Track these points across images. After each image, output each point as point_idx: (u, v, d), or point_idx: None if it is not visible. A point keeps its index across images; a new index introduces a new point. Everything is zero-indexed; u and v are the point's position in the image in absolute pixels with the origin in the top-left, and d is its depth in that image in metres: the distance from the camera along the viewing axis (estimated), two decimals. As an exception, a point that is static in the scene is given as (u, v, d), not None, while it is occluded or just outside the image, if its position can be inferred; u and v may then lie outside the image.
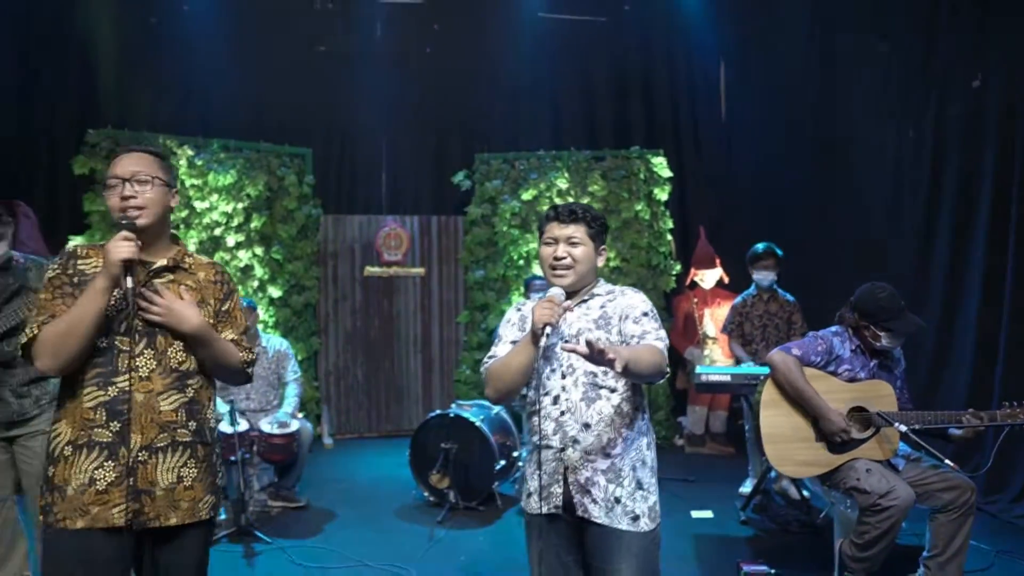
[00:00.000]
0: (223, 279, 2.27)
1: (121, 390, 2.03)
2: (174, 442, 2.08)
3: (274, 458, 4.70)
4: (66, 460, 2.02)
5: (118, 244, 1.97)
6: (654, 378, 2.21)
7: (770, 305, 5.10)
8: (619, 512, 2.22)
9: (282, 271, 6.53)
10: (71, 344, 1.98)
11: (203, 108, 6.84)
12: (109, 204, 2.13)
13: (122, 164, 2.14)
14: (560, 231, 2.30)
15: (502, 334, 2.40)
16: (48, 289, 2.08)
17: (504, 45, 7.27)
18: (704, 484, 5.36)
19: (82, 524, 1.99)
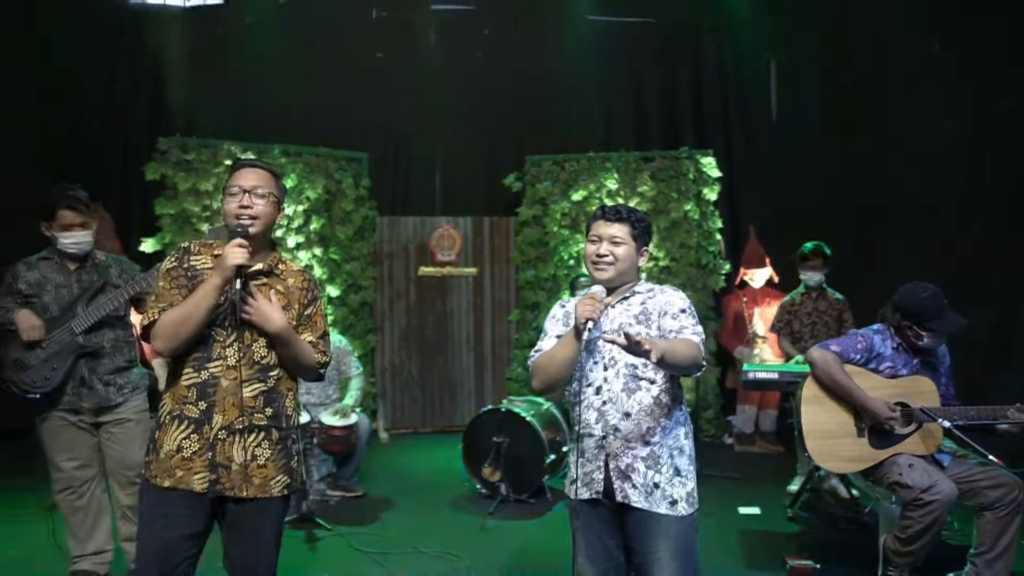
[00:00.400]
0: (310, 286, 2.47)
1: (211, 375, 2.29)
2: (251, 425, 2.31)
3: (334, 449, 4.91)
4: (164, 427, 2.31)
5: (234, 250, 2.24)
6: (690, 370, 2.34)
7: (819, 303, 5.11)
8: (658, 496, 2.34)
9: (340, 271, 6.77)
10: (184, 331, 2.26)
11: (264, 115, 7.14)
12: (226, 208, 2.35)
13: (245, 176, 2.37)
14: (605, 230, 2.44)
15: (547, 329, 2.55)
16: (166, 279, 2.35)
17: (554, 48, 7.40)
18: (752, 482, 5.40)
19: (168, 484, 2.27)
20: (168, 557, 2.27)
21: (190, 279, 2.34)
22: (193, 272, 2.35)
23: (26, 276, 3.44)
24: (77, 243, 3.42)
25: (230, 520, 2.33)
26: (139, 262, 3.91)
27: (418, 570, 3.85)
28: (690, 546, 2.40)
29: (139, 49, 7.00)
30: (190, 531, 2.29)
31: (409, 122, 7.46)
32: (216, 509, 2.33)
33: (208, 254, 2.38)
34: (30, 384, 3.36)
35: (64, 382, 3.38)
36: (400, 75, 7.33)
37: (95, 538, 3.61)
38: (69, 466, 3.50)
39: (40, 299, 3.41)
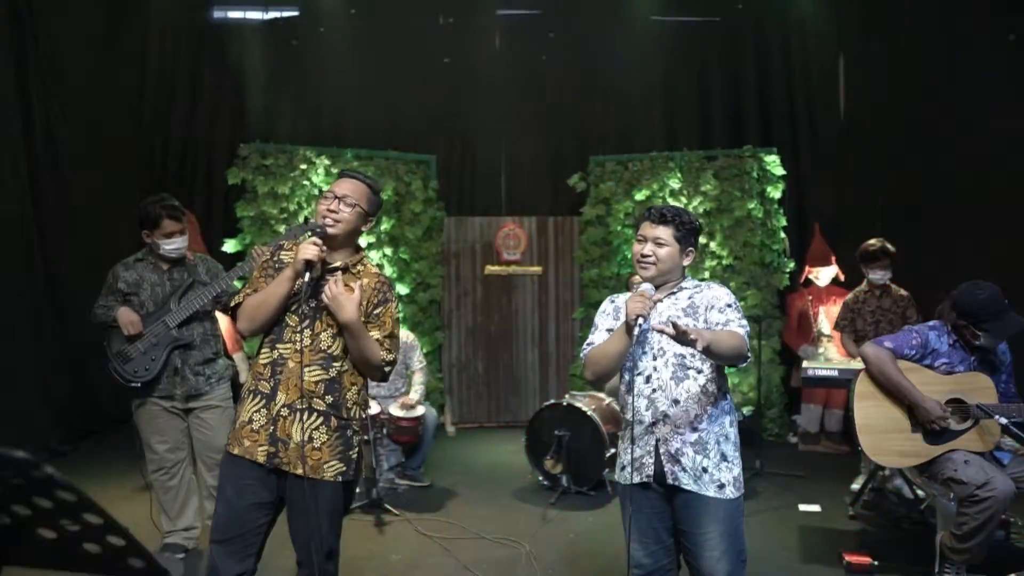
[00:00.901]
0: (382, 288, 2.62)
1: (280, 355, 2.50)
2: (310, 407, 2.48)
3: (401, 439, 5.15)
4: (243, 400, 2.56)
5: (307, 247, 2.44)
6: (735, 360, 2.45)
7: (883, 300, 5.06)
8: (706, 480, 2.45)
9: (409, 270, 7.02)
10: (260, 315, 2.50)
11: (338, 121, 7.50)
12: (318, 209, 2.58)
13: (341, 185, 2.59)
14: (650, 231, 2.56)
15: (597, 323, 2.68)
16: (259, 269, 2.63)
17: (618, 49, 7.48)
18: (815, 480, 5.39)
19: (237, 451, 2.50)
20: (238, 523, 2.46)
21: (276, 269, 2.57)
22: (280, 264, 2.59)
23: (124, 276, 3.77)
24: (177, 248, 3.75)
25: (288, 495, 2.51)
26: (222, 262, 4.22)
27: (480, 555, 4.03)
28: (738, 528, 2.50)
29: (222, 61, 7.43)
30: (257, 500, 2.47)
31: (476, 125, 7.67)
32: (281, 484, 2.50)
33: (297, 249, 2.57)
34: (132, 374, 3.69)
35: (161, 371, 3.70)
36: (466, 79, 7.55)
37: (184, 515, 3.93)
38: (162, 448, 3.83)
39: (138, 297, 3.74)
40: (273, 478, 2.49)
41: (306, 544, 2.52)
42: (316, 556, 2.52)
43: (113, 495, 4.85)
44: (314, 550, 2.51)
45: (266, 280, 2.56)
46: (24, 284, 5.89)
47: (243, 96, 7.44)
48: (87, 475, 5.39)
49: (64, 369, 6.18)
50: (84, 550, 1.21)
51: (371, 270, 2.65)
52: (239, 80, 7.42)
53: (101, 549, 1.21)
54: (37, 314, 5.98)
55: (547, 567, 3.90)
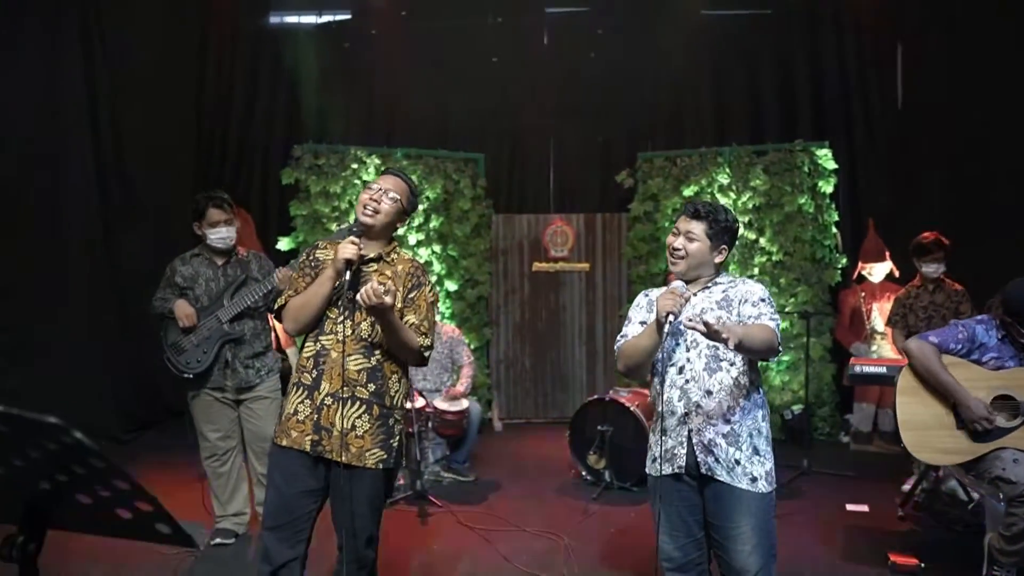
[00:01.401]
0: (416, 272, 2.70)
1: (323, 346, 2.58)
2: (353, 396, 2.56)
3: (446, 432, 5.23)
4: (288, 394, 2.64)
5: (346, 247, 2.51)
6: (767, 355, 2.46)
7: (936, 296, 4.93)
8: (739, 472, 2.45)
9: (457, 267, 7.12)
10: (304, 315, 2.58)
11: (388, 121, 7.65)
12: (360, 198, 2.68)
13: (384, 179, 2.70)
14: (683, 225, 2.59)
15: (631, 316, 2.70)
16: (298, 270, 2.73)
17: (667, 45, 7.42)
18: (865, 480, 5.28)
19: (285, 443, 2.58)
20: (288, 510, 2.55)
21: (314, 268, 2.66)
22: (317, 263, 2.68)
23: (181, 271, 3.95)
24: (223, 238, 3.90)
25: (332, 482, 2.58)
26: (276, 260, 4.37)
27: (519, 546, 4.08)
28: (769, 523, 2.48)
29: (277, 64, 7.66)
30: (306, 488, 2.56)
31: (523, 122, 7.72)
32: (327, 472, 2.58)
33: (330, 249, 2.69)
34: (185, 365, 3.86)
35: (212, 364, 3.86)
36: (515, 77, 7.60)
37: (235, 501, 4.09)
38: (214, 436, 3.99)
39: (193, 291, 3.91)
40: (320, 466, 2.57)
41: (349, 530, 2.58)
42: (356, 541, 2.59)
43: (170, 481, 5.05)
44: (354, 535, 2.58)
45: (306, 280, 2.65)
46: (90, 279, 6.19)
47: (297, 98, 7.65)
48: (147, 462, 5.65)
49: (128, 362, 6.45)
50: (117, 515, 1.30)
51: (404, 256, 2.73)
52: (294, 82, 7.63)
53: (132, 514, 1.30)
54: (102, 308, 6.27)
55: (585, 560, 3.92)
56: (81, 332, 6.03)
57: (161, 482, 5.15)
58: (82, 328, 6.04)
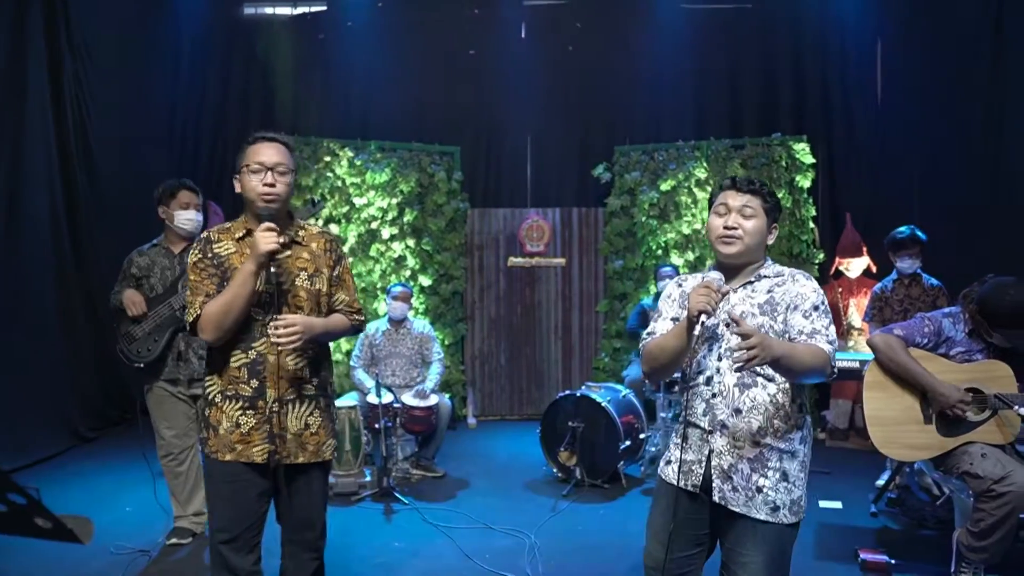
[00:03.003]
0: (333, 247, 2.54)
1: (258, 353, 2.39)
2: (301, 395, 2.45)
3: (415, 429, 5.12)
4: (217, 406, 2.42)
5: (266, 237, 2.27)
6: (809, 380, 2.11)
7: (912, 290, 4.87)
8: (759, 501, 2.13)
9: (432, 261, 7.01)
10: (230, 319, 2.31)
11: (363, 113, 7.51)
12: (249, 186, 2.37)
13: (267, 153, 2.38)
14: (735, 200, 2.20)
15: (662, 310, 2.34)
16: (195, 272, 2.40)
17: (646, 38, 7.37)
18: (840, 477, 5.21)
19: (230, 457, 2.40)
20: (242, 519, 2.42)
21: (217, 267, 2.39)
22: (218, 259, 2.39)
23: (138, 262, 3.84)
24: (191, 220, 3.82)
25: (285, 482, 2.45)
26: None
27: (484, 545, 3.98)
28: (785, 557, 2.19)
29: (251, 55, 7.52)
30: (257, 492, 2.43)
31: (500, 116, 7.61)
32: (274, 471, 2.45)
33: (229, 239, 2.43)
34: (136, 354, 3.74)
35: (164, 354, 3.75)
36: (492, 70, 7.50)
37: (194, 501, 3.97)
38: (169, 434, 3.88)
39: (148, 280, 3.80)
40: (268, 473, 2.44)
41: (308, 522, 2.51)
42: (313, 533, 2.53)
43: (134, 479, 4.92)
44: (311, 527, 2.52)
45: (210, 281, 2.38)
46: (56, 274, 6.03)
47: (271, 89, 7.52)
48: (109, 460, 5.52)
49: (93, 358, 6.31)
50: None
51: (314, 232, 2.54)
52: (267, 74, 7.50)
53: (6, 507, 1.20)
54: (67, 304, 6.11)
55: (550, 559, 3.82)
56: (46, 328, 5.87)
57: (122, 480, 5.04)
58: (47, 324, 5.89)
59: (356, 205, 6.77)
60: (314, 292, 2.47)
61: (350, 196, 6.76)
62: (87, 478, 5.15)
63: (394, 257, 6.88)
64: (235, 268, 2.38)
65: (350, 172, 6.79)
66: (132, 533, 4.04)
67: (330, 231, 2.60)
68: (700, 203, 6.78)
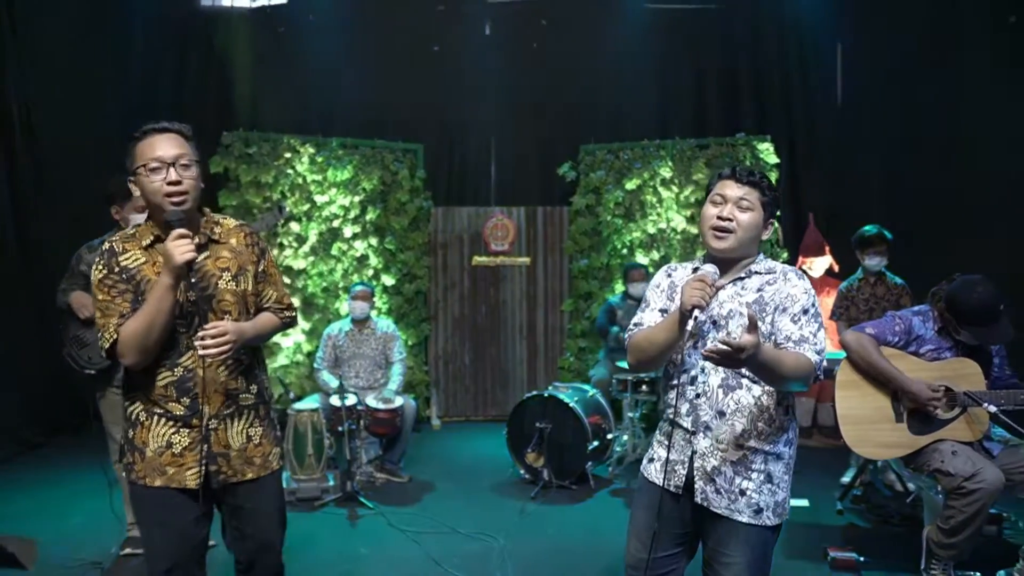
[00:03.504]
0: (254, 240, 2.32)
1: (186, 368, 2.15)
2: (239, 407, 2.25)
3: (379, 431, 5.01)
4: (143, 425, 2.17)
5: (179, 246, 2.00)
6: (790, 387, 2.06)
7: (877, 288, 4.91)
8: (742, 504, 2.10)
9: (395, 260, 6.89)
10: (152, 339, 2.06)
11: (324, 108, 7.35)
12: (150, 188, 2.07)
13: (163, 146, 2.09)
14: (733, 191, 2.12)
15: (649, 299, 2.27)
16: (103, 291, 2.11)
17: (610, 37, 7.35)
18: (804, 475, 5.17)
19: (160, 483, 2.15)
20: (181, 546, 2.20)
21: (127, 281, 2.12)
22: (128, 273, 2.13)
23: (87, 259, 3.62)
24: None
25: (235, 503, 2.26)
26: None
27: (452, 550, 3.89)
28: (768, 558, 2.17)
29: (208, 48, 7.30)
30: (195, 515, 2.21)
31: (464, 113, 7.52)
32: (217, 492, 2.25)
33: (135, 248, 2.15)
34: (87, 360, 3.56)
35: None
36: (456, 67, 7.40)
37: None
38: (122, 438, 3.69)
39: None
40: (206, 496, 2.21)
41: (268, 544, 2.34)
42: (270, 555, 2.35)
43: (88, 488, 4.73)
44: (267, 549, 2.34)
45: (122, 298, 2.10)
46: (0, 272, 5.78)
47: (229, 84, 7.31)
48: (59, 467, 5.30)
49: (41, 361, 6.05)
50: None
51: (231, 226, 2.31)
52: (225, 67, 7.29)
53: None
54: (12, 304, 5.86)
55: (520, 562, 3.75)
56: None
57: (73, 488, 4.84)
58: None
59: (317, 203, 6.61)
60: (240, 293, 2.25)
61: (311, 194, 6.60)
62: (35, 488, 4.94)
63: (356, 256, 6.74)
64: (149, 280, 2.12)
65: (311, 169, 6.63)
66: (84, 544, 3.86)
67: (247, 223, 2.39)
68: (665, 202, 6.78)
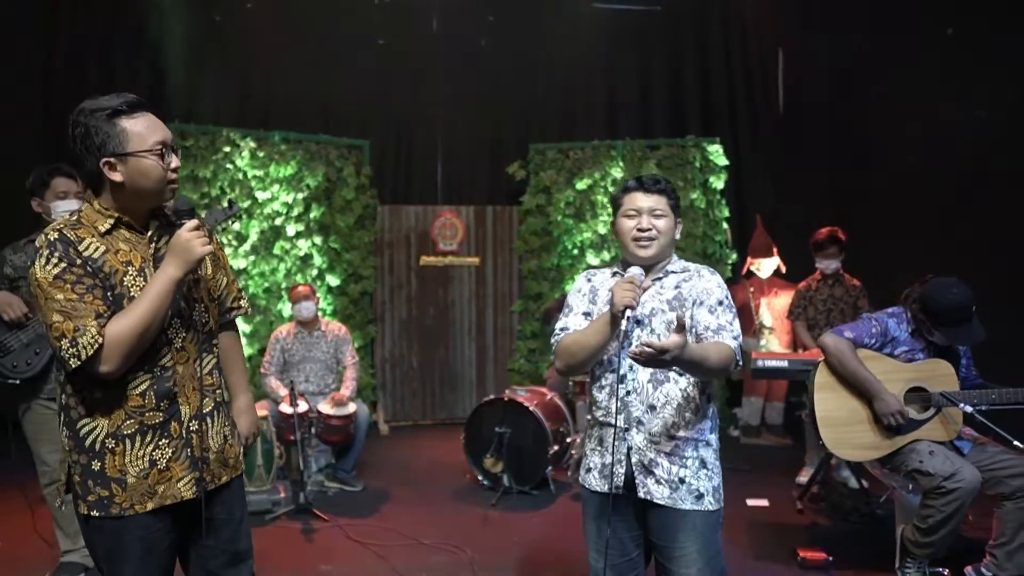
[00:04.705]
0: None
1: (163, 367, 1.94)
2: (216, 404, 2.08)
3: (332, 439, 4.80)
4: (112, 452, 1.90)
5: (198, 237, 1.89)
6: (716, 376, 2.15)
7: (835, 289, 5.01)
8: (683, 492, 2.17)
9: (340, 260, 6.65)
10: (147, 341, 1.86)
11: (265, 101, 7.04)
12: (155, 173, 1.89)
13: (160, 128, 1.93)
14: (644, 202, 2.23)
15: (572, 304, 2.32)
16: (63, 289, 1.80)
17: (559, 36, 7.31)
18: (760, 474, 5.28)
19: (152, 505, 1.92)
20: None
21: (94, 274, 1.84)
22: (94, 265, 1.85)
23: (12, 260, 3.34)
24: (69, 210, 3.30)
25: (209, 513, 2.04)
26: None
27: (420, 562, 3.74)
28: (717, 543, 2.22)
29: (138, 35, 6.87)
30: (170, 542, 2.00)
31: (411, 109, 7.35)
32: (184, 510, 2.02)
33: (89, 236, 1.87)
34: (10, 369, 3.25)
35: (47, 368, 3.27)
36: (402, 62, 7.21)
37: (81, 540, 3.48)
38: (54, 459, 3.37)
39: (26, 283, 3.30)
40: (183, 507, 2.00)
41: (241, 553, 2.13)
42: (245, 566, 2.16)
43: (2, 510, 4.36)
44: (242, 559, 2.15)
45: (91, 294, 1.81)
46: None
47: (161, 73, 6.90)
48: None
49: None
50: None
51: None
52: (156, 55, 6.87)
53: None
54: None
55: (491, 573, 3.63)
56: None
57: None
58: None
59: (259, 200, 6.32)
60: (205, 279, 2.09)
61: (252, 190, 6.30)
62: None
63: (300, 255, 6.47)
64: (117, 271, 1.87)
65: (252, 164, 6.33)
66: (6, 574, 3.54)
67: None
68: (616, 203, 6.76)
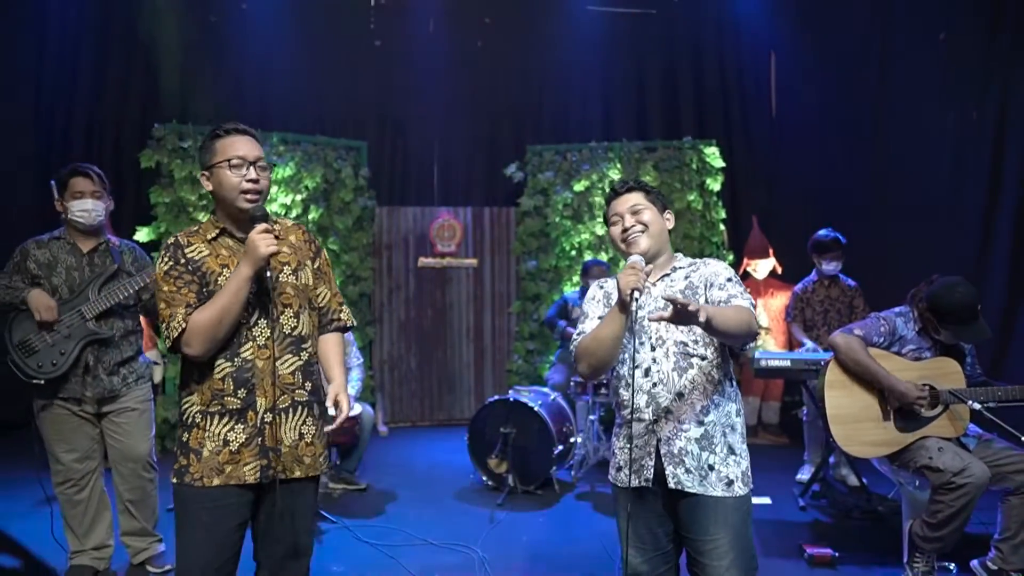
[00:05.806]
0: (310, 238, 2.42)
1: (244, 359, 2.18)
2: (294, 403, 2.23)
3: (338, 440, 4.80)
4: (198, 426, 2.18)
5: (265, 239, 2.11)
6: (744, 338, 2.18)
7: (831, 290, 5.07)
8: (713, 479, 2.21)
9: (338, 262, 6.65)
10: (223, 329, 2.13)
11: (262, 103, 7.02)
12: (230, 182, 2.18)
13: (245, 146, 2.22)
14: (622, 205, 2.37)
15: (588, 311, 2.42)
16: (169, 282, 2.16)
17: (555, 38, 7.36)
18: (760, 472, 5.22)
19: (218, 482, 2.15)
20: (221, 551, 2.18)
21: (193, 272, 2.19)
22: (194, 265, 2.20)
23: (36, 255, 3.33)
24: (87, 210, 3.31)
25: (276, 504, 2.21)
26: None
27: (430, 563, 3.75)
28: (748, 531, 2.27)
29: (133, 35, 6.84)
30: (238, 521, 2.20)
31: (409, 111, 7.36)
32: (262, 495, 2.23)
33: (199, 241, 2.24)
34: (36, 369, 3.23)
35: (70, 369, 3.26)
36: (400, 63, 7.22)
37: (95, 533, 3.47)
38: (68, 458, 3.37)
39: (49, 280, 3.30)
40: (251, 493, 2.22)
41: (301, 548, 2.29)
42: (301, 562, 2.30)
43: (7, 511, 4.32)
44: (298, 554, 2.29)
45: (188, 289, 2.16)
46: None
47: (155, 74, 6.86)
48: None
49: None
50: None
51: (288, 224, 2.39)
52: (152, 56, 6.83)
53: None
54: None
55: (503, 573, 3.65)
56: None
57: None
58: None
59: (258, 201, 6.29)
60: (301, 287, 2.30)
61: (251, 191, 6.28)
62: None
63: (298, 257, 6.46)
64: (214, 272, 2.20)
65: (250, 166, 6.30)
66: (21, 573, 3.51)
67: (301, 223, 2.46)
68: (614, 204, 6.80)
